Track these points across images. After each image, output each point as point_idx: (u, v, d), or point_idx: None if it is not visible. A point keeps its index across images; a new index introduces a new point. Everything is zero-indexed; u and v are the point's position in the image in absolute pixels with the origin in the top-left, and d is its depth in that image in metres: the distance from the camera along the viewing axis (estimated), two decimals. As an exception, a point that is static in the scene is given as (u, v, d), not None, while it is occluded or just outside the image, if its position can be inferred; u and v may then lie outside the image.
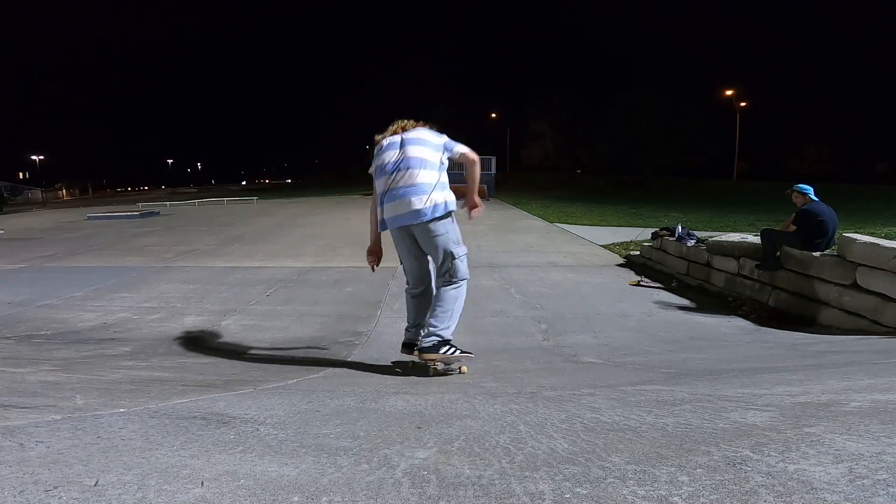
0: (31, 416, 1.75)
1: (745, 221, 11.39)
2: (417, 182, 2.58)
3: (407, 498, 1.13)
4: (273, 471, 1.29)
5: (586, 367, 3.25)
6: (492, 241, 9.98)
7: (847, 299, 4.13)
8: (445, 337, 2.65)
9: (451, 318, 2.68)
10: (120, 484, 1.18)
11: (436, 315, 2.66)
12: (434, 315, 2.67)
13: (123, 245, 9.89)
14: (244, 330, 4.44)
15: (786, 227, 4.96)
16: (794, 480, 1.10)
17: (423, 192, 2.57)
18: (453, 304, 2.68)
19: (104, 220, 15.74)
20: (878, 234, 5.86)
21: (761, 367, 2.88)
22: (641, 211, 15.57)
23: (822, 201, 4.86)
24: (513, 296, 5.65)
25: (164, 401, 2.09)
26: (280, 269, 7.16)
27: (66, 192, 51.60)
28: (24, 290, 6.01)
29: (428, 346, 2.63)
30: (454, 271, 2.66)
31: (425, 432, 1.62)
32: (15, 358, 3.41)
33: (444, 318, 2.66)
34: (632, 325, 4.58)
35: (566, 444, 1.44)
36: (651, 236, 7.71)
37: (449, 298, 2.67)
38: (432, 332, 2.64)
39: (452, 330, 2.71)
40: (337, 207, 19.04)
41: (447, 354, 2.66)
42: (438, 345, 2.63)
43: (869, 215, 11.32)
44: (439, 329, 2.64)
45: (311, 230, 11.92)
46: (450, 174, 2.85)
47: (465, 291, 2.77)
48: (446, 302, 2.67)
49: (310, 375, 2.96)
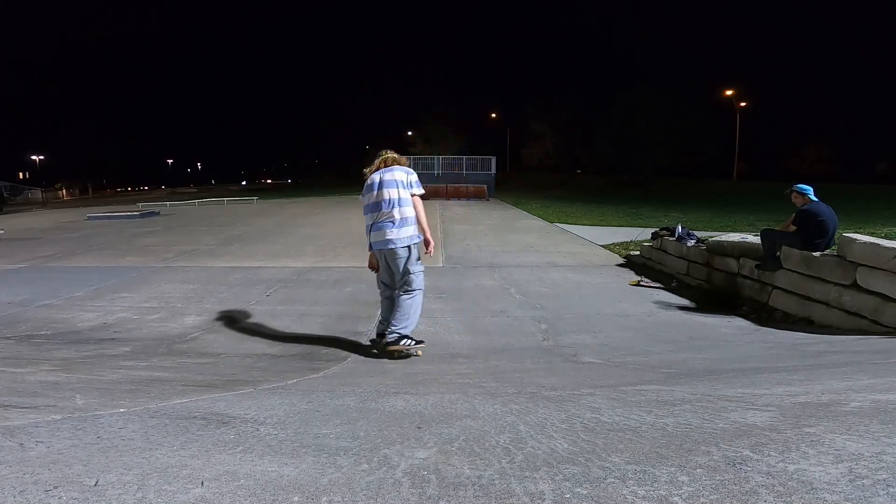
0: (31, 416, 1.75)
1: (745, 221, 11.39)
2: (388, 220, 3.46)
3: (407, 498, 1.13)
4: (273, 471, 1.29)
5: (586, 367, 3.25)
6: (492, 241, 9.98)
7: (847, 299, 4.13)
8: (403, 333, 3.46)
9: (408, 319, 3.48)
10: (120, 484, 1.18)
11: (396, 317, 3.47)
12: (395, 317, 3.47)
13: (123, 245, 9.89)
14: (244, 330, 4.44)
15: (786, 227, 4.95)
16: (794, 480, 1.10)
17: (393, 226, 3.45)
18: (409, 308, 3.48)
19: (104, 220, 15.74)
20: (878, 234, 5.86)
21: (761, 367, 2.88)
22: (641, 211, 15.57)
23: (821, 201, 4.86)
24: (513, 296, 5.65)
25: (164, 401, 2.09)
26: (280, 269, 7.16)
27: (66, 192, 51.58)
28: (24, 290, 6.01)
29: (391, 341, 3.46)
30: (410, 283, 3.49)
31: (425, 432, 1.62)
32: (15, 358, 3.41)
33: (402, 319, 3.46)
34: (632, 325, 4.58)
35: (566, 444, 1.44)
36: (651, 236, 7.70)
37: (405, 305, 3.48)
38: (394, 330, 3.45)
39: (411, 328, 3.50)
40: (337, 207, 19.04)
41: (404, 346, 3.47)
42: (398, 339, 3.45)
43: (869, 215, 11.32)
44: (398, 328, 3.45)
45: (311, 230, 11.92)
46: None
47: (421, 299, 3.60)
48: (404, 307, 3.47)
49: (310, 375, 2.96)
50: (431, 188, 25.70)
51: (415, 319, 3.54)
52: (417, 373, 3.11)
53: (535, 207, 17.41)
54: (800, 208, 4.84)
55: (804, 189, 4.91)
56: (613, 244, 9.07)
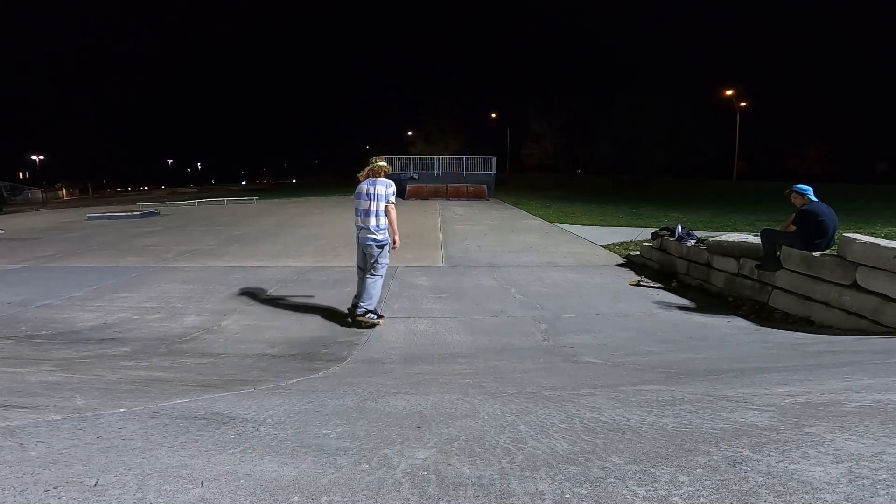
0: (31, 416, 1.76)
1: (745, 221, 11.38)
2: (369, 223, 4.49)
3: (407, 498, 1.13)
4: (273, 471, 1.29)
5: (586, 367, 3.25)
6: (492, 240, 9.99)
7: (847, 299, 4.13)
8: (369, 308, 4.54)
9: (371, 298, 4.54)
10: (120, 484, 1.18)
11: (363, 297, 4.54)
12: (362, 297, 4.54)
13: (123, 245, 9.89)
14: (244, 330, 4.44)
15: (786, 227, 4.95)
16: (794, 480, 1.10)
17: (372, 228, 4.49)
18: (373, 288, 4.55)
19: (104, 220, 15.73)
20: (878, 234, 5.86)
21: (761, 367, 2.88)
22: (641, 211, 15.56)
23: (821, 201, 4.86)
24: (513, 296, 5.65)
25: (164, 401, 2.09)
26: (280, 270, 7.16)
27: (66, 192, 51.57)
28: (24, 290, 6.01)
29: (359, 314, 4.53)
30: (376, 269, 4.57)
31: (425, 432, 1.62)
32: (15, 358, 3.41)
33: (367, 298, 4.53)
34: (632, 325, 4.59)
35: (566, 444, 1.44)
36: (651, 236, 7.71)
37: (370, 285, 4.55)
38: (361, 306, 4.52)
39: (373, 305, 4.57)
40: (336, 207, 19.02)
41: (369, 318, 4.52)
42: (364, 313, 4.52)
43: (869, 215, 11.31)
44: (364, 304, 4.52)
45: (311, 230, 11.92)
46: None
47: (381, 283, 4.67)
48: (369, 288, 4.54)
49: (310, 375, 2.96)
50: (431, 188, 25.73)
51: (376, 297, 4.62)
52: (417, 373, 3.11)
53: (535, 207, 17.41)
54: (799, 208, 4.84)
55: (803, 189, 4.91)
56: (613, 244, 9.07)
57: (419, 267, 7.30)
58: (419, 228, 12.02)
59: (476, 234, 10.86)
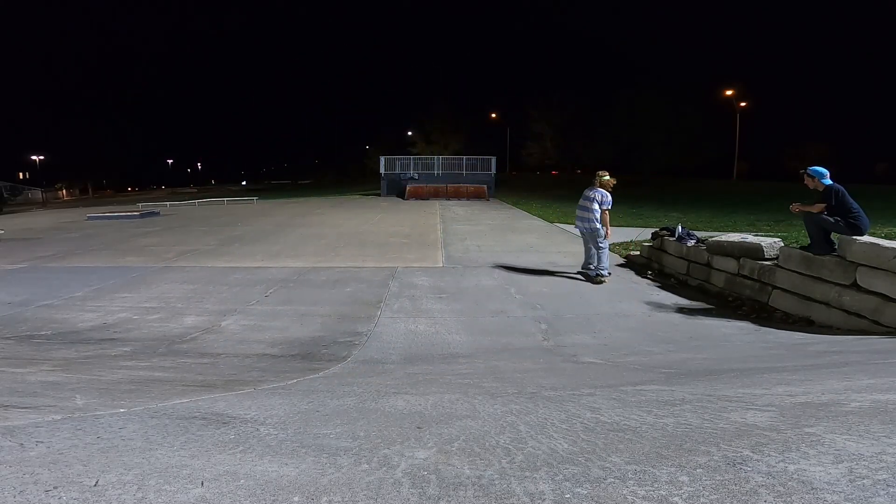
0: (31, 416, 1.76)
1: (745, 221, 11.38)
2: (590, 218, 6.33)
3: (407, 498, 1.13)
4: (273, 471, 1.29)
5: (586, 367, 3.25)
6: (492, 241, 9.98)
7: (847, 299, 4.13)
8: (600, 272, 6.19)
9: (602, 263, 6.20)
10: (120, 484, 1.18)
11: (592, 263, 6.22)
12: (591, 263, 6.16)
13: (123, 245, 9.89)
14: (244, 330, 4.44)
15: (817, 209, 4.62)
16: (794, 480, 1.10)
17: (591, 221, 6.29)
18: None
19: (104, 220, 15.73)
20: (878, 234, 5.85)
21: (761, 367, 2.88)
22: (641, 211, 15.55)
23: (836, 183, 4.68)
24: (513, 296, 5.65)
25: (164, 401, 2.09)
26: (280, 270, 7.16)
27: (66, 192, 51.60)
28: (24, 290, 6.01)
29: (592, 275, 6.09)
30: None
31: (425, 432, 1.62)
32: (15, 358, 3.41)
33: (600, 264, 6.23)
34: (632, 325, 4.58)
35: (566, 444, 1.44)
36: (651, 236, 7.70)
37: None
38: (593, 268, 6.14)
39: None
40: (337, 208, 19.03)
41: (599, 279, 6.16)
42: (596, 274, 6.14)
43: (869, 215, 11.25)
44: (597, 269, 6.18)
45: (311, 230, 11.91)
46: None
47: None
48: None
49: (310, 375, 2.96)
50: (431, 188, 25.71)
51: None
52: (417, 373, 3.11)
53: (535, 207, 17.40)
54: (826, 186, 4.61)
55: (816, 172, 4.69)
56: (613, 244, 9.05)
57: (419, 267, 7.30)
58: (419, 228, 12.01)
59: (476, 234, 10.85)
